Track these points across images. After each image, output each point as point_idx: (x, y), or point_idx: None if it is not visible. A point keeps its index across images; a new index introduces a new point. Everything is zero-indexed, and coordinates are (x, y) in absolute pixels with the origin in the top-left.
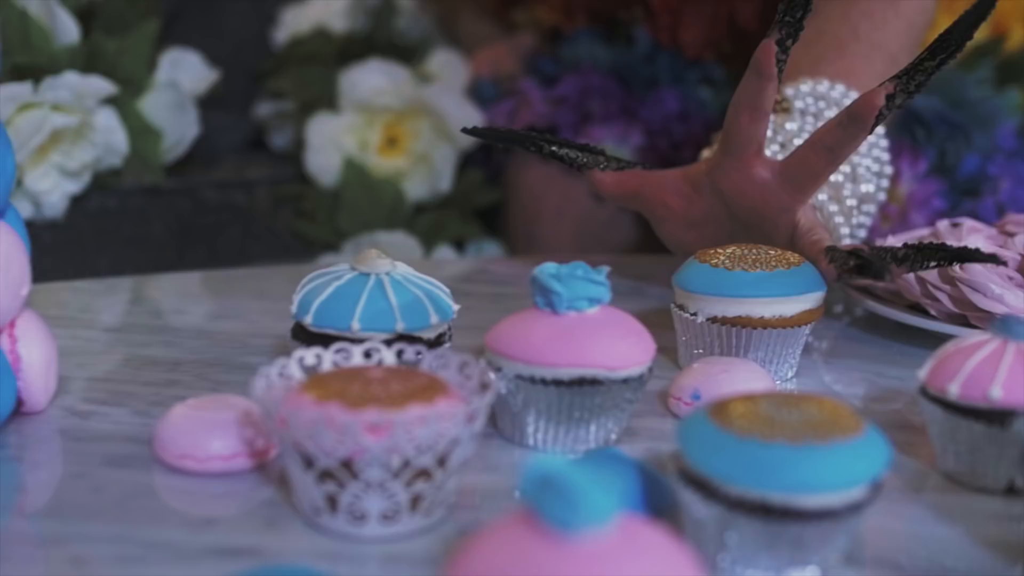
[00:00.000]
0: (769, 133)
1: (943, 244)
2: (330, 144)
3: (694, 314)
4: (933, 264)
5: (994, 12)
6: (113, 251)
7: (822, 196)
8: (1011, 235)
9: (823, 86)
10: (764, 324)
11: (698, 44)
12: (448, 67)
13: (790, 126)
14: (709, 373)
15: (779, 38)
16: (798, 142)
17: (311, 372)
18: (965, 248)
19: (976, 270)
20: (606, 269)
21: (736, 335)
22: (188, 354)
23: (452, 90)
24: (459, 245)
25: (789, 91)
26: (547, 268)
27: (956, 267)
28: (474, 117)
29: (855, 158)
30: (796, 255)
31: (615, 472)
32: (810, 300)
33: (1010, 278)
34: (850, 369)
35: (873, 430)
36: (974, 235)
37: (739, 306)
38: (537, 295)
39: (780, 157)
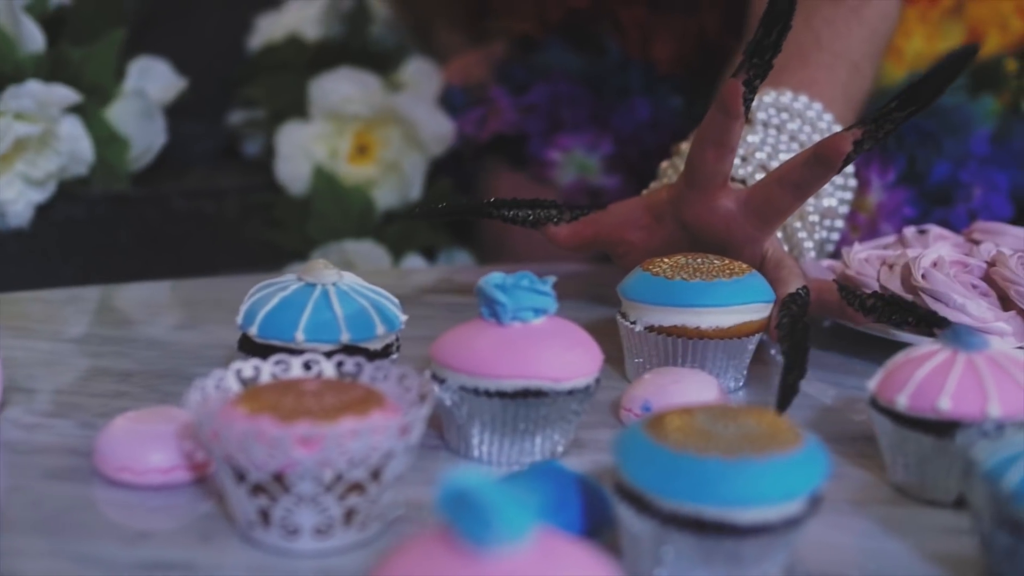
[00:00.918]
0: None
1: (912, 304)
2: (300, 152)
3: (634, 322)
4: (895, 318)
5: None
6: (79, 260)
7: None
8: (977, 243)
9: (786, 97)
10: (701, 334)
11: (668, 60)
12: (421, 75)
13: (752, 139)
14: (660, 384)
15: (746, 79)
16: (760, 155)
17: (250, 384)
18: (932, 313)
19: (938, 279)
20: (552, 279)
21: (673, 345)
22: (140, 365)
23: (424, 98)
24: (430, 254)
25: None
26: (492, 278)
27: (919, 276)
28: (444, 125)
29: None
30: (742, 265)
31: (554, 486)
32: (751, 311)
33: (974, 287)
34: (809, 380)
35: (813, 443)
36: (940, 242)
37: (676, 315)
38: (482, 305)
39: (740, 170)
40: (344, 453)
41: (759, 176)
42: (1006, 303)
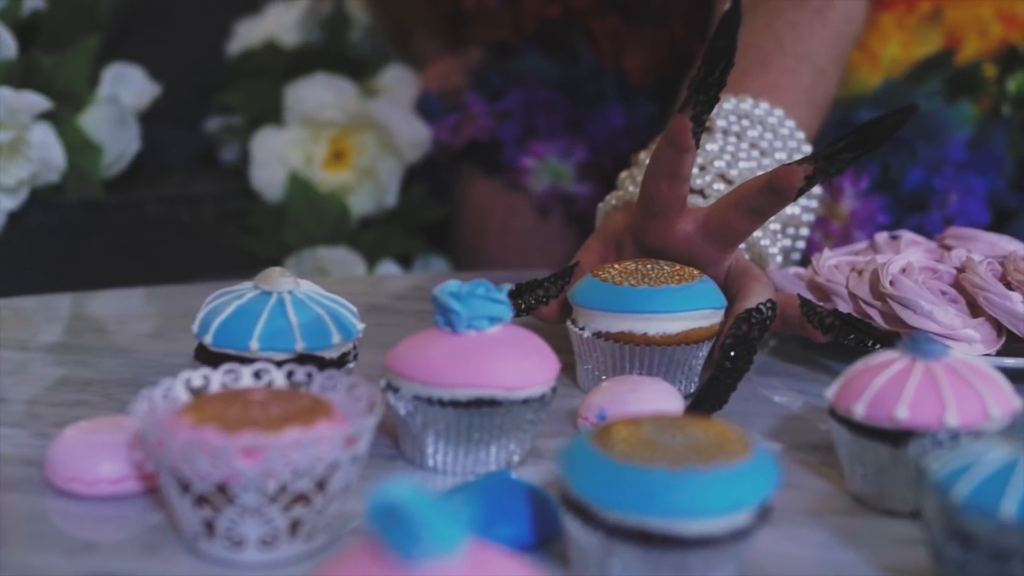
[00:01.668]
0: None
1: (869, 325)
2: (275, 159)
3: (582, 328)
4: (853, 338)
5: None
6: (52, 268)
7: None
8: (949, 249)
9: (746, 104)
10: (647, 341)
11: (640, 71)
12: (399, 82)
13: (711, 147)
14: (616, 392)
15: (693, 115)
16: (718, 164)
17: (199, 394)
18: (888, 334)
19: (906, 286)
20: (508, 287)
21: (621, 351)
22: (101, 374)
23: (400, 105)
24: (406, 261)
25: None
26: (447, 286)
27: (887, 283)
28: (420, 131)
29: None
30: (693, 272)
31: (504, 496)
32: (699, 318)
33: (943, 293)
34: (773, 387)
35: (762, 453)
36: (912, 248)
37: (623, 322)
38: (437, 314)
39: (699, 180)
40: (288, 464)
41: (717, 186)
42: (975, 310)
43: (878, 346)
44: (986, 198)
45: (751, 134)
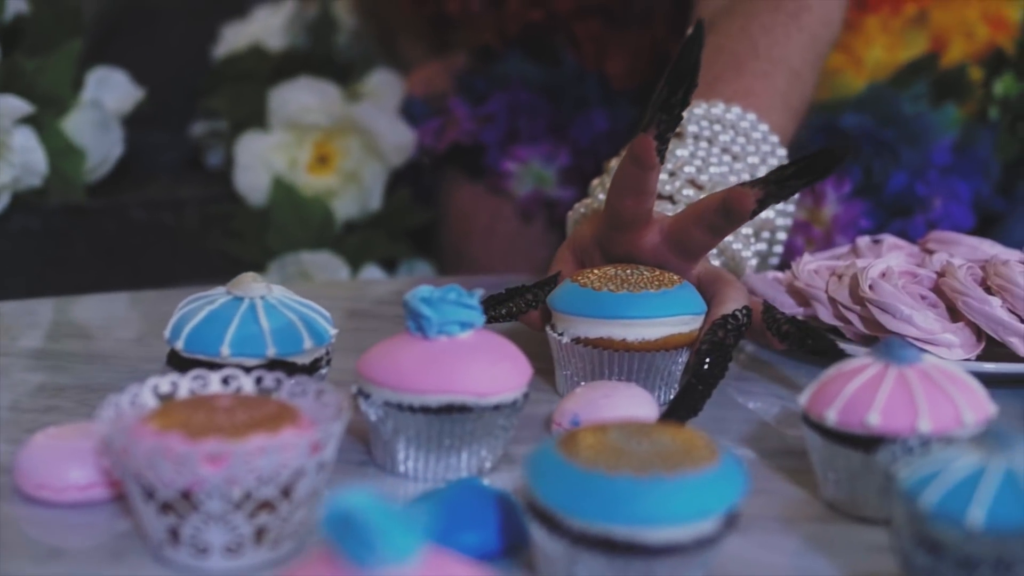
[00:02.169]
0: None
1: (823, 335)
2: (259, 162)
3: (561, 334)
4: (810, 344)
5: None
6: (34, 272)
7: None
8: (931, 253)
9: (718, 109)
10: (626, 347)
11: (623, 76)
12: (384, 86)
13: (681, 152)
14: (590, 398)
15: (656, 133)
16: (688, 169)
17: (167, 400)
18: (842, 350)
19: (886, 290)
20: (479, 292)
21: (600, 357)
22: (76, 379)
23: (385, 108)
24: (391, 265)
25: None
26: (419, 292)
27: (866, 287)
28: (404, 135)
29: None
30: (673, 277)
31: (473, 503)
32: (678, 324)
33: (923, 297)
34: (750, 393)
35: (729, 460)
36: (894, 252)
37: (602, 327)
38: (408, 319)
39: (667, 186)
40: (252, 470)
41: (687, 192)
42: (955, 314)
43: (828, 357)
44: (971, 202)
45: (723, 139)
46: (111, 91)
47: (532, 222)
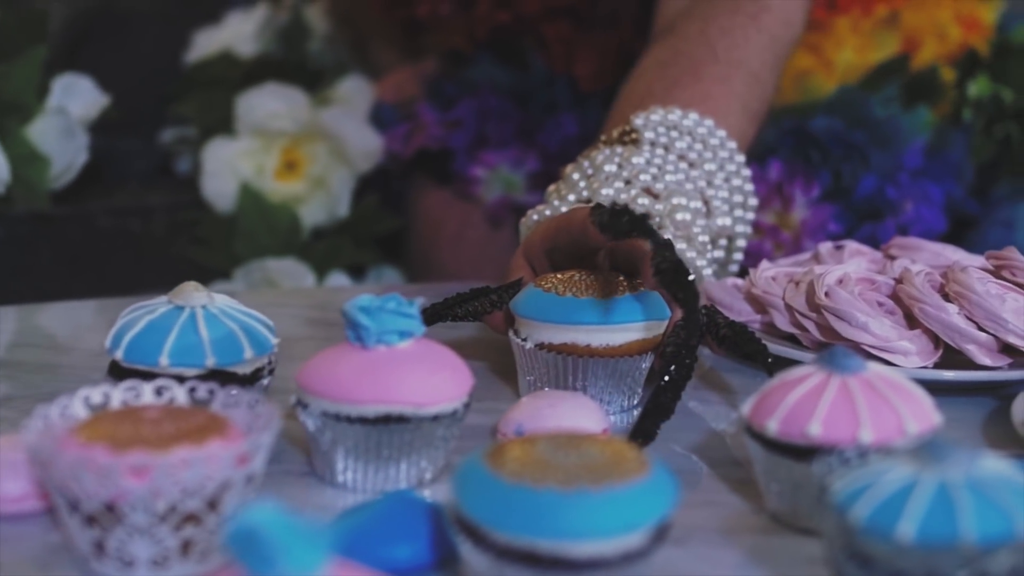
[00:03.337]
0: (614, 168)
1: (759, 342)
2: (227, 169)
3: (524, 340)
4: (747, 350)
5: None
6: None
7: (667, 236)
8: (894, 259)
9: (675, 115)
10: (591, 353)
11: (591, 77)
12: (355, 92)
13: (636, 160)
14: (535, 407)
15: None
16: (644, 177)
17: (98, 411)
18: (773, 360)
19: (842, 298)
20: (419, 301)
21: (563, 363)
22: (24, 389)
23: (355, 114)
24: (359, 271)
25: (638, 121)
26: (358, 301)
27: (822, 294)
28: (372, 141)
29: (709, 191)
30: (636, 282)
31: (404, 516)
32: (642, 329)
33: (880, 304)
34: (709, 402)
35: (659, 473)
36: (856, 258)
37: (566, 333)
38: (347, 329)
39: (624, 195)
40: (177, 483)
41: (642, 200)
42: (913, 321)
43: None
44: (944, 205)
45: (679, 145)
46: (77, 98)
47: (501, 228)
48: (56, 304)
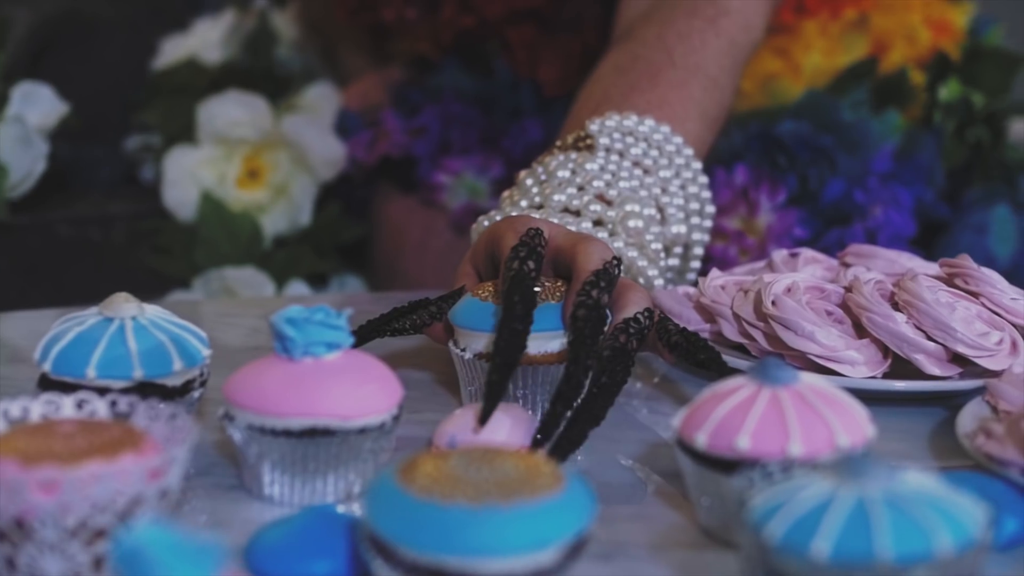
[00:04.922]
0: (567, 174)
1: (711, 349)
2: (188, 177)
3: (463, 350)
4: (700, 358)
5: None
6: None
7: (618, 244)
8: (848, 267)
9: (631, 120)
10: (529, 360)
11: (555, 82)
12: (322, 99)
13: (590, 166)
14: (467, 419)
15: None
16: (598, 183)
17: (17, 424)
18: (724, 366)
19: (789, 307)
20: (348, 312)
21: None
22: None
23: (320, 122)
24: (321, 280)
25: (593, 127)
26: (285, 312)
27: (769, 303)
28: (335, 149)
29: (663, 198)
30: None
31: (323, 531)
32: None
33: (829, 313)
34: (660, 412)
35: (575, 488)
36: (810, 266)
37: None
38: (275, 340)
39: (576, 201)
40: (86, 498)
41: (594, 207)
42: (862, 331)
43: (715, 372)
44: (914, 209)
45: (634, 152)
46: (36, 106)
47: (466, 235)
48: (13, 314)
